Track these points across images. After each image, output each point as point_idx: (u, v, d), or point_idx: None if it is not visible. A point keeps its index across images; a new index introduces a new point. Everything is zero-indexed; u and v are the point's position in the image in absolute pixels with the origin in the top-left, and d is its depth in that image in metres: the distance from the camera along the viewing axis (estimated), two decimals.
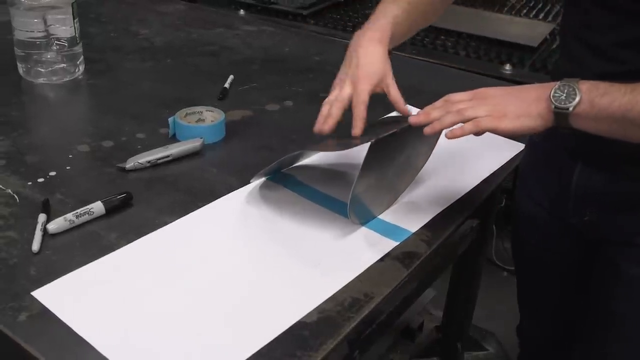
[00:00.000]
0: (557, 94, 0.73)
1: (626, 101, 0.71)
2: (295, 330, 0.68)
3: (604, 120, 0.73)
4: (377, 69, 0.88)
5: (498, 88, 0.80)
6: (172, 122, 1.03)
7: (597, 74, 0.81)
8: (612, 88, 0.72)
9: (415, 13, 0.96)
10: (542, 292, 1.11)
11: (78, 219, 0.82)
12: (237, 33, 1.54)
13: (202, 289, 0.73)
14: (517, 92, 0.78)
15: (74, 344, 0.65)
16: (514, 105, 0.76)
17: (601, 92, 0.73)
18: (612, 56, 0.81)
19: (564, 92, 0.73)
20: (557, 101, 0.73)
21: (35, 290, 0.71)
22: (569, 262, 1.02)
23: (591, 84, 0.73)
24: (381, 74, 0.88)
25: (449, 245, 0.91)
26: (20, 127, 1.06)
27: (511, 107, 0.76)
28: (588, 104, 0.73)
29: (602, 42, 0.82)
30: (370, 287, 0.74)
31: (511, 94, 0.78)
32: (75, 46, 1.23)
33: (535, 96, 0.76)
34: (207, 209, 0.87)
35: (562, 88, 0.73)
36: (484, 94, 0.79)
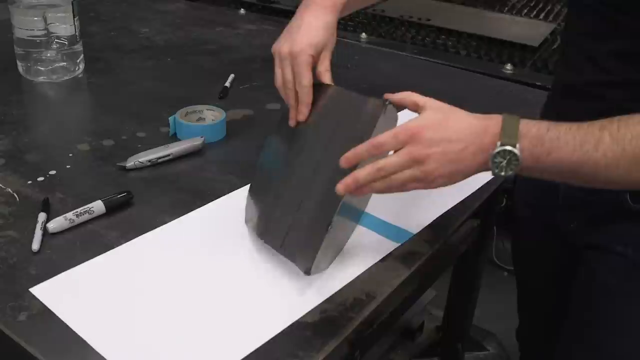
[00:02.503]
0: (497, 160, 0.67)
1: (576, 159, 0.67)
2: (298, 330, 0.67)
3: (548, 174, 0.70)
4: (320, 42, 0.81)
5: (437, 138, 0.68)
6: (173, 121, 1.03)
7: (589, 82, 0.81)
8: (559, 142, 0.67)
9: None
10: (539, 296, 1.10)
11: (78, 218, 0.81)
12: (238, 32, 1.53)
13: (203, 288, 0.73)
14: (456, 154, 0.68)
15: (74, 343, 0.65)
16: (449, 173, 0.69)
17: (547, 148, 0.67)
18: (606, 66, 0.79)
19: (505, 158, 0.67)
20: (498, 168, 0.68)
21: (34, 287, 0.71)
22: (562, 267, 1.02)
23: (535, 139, 0.67)
24: (322, 46, 0.82)
25: (450, 246, 0.91)
26: (20, 125, 1.05)
27: (445, 175, 0.69)
28: (532, 162, 0.68)
29: (597, 51, 0.80)
30: (372, 287, 0.74)
31: (449, 159, 0.68)
32: (75, 45, 1.22)
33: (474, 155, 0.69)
34: (208, 208, 0.87)
35: (502, 153, 0.67)
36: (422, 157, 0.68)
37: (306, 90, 0.79)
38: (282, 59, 0.81)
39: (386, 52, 1.60)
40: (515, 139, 0.67)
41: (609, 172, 0.67)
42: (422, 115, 0.71)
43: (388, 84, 1.30)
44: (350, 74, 1.33)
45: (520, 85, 1.38)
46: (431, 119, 0.70)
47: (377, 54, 1.55)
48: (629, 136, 0.66)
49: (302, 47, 0.79)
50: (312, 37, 0.80)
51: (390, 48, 1.69)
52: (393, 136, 0.69)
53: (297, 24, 0.82)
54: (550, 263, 1.03)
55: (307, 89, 0.79)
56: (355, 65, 1.38)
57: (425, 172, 0.69)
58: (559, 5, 2.16)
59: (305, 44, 0.80)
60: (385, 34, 1.87)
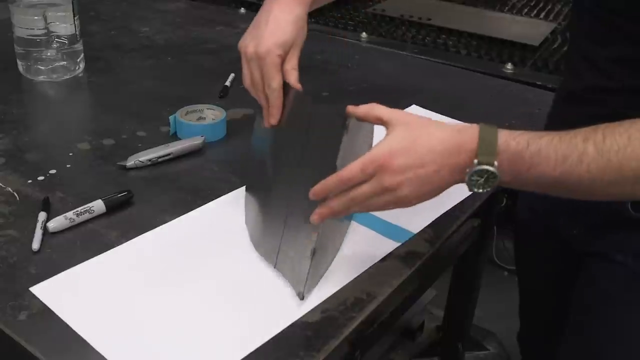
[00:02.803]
0: (475, 178, 0.64)
1: (558, 175, 0.63)
2: (299, 330, 0.67)
3: (531, 188, 0.68)
4: (288, 39, 0.77)
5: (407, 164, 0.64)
6: (173, 120, 1.03)
7: (589, 87, 0.80)
8: (540, 158, 0.63)
9: None
10: (541, 300, 1.10)
11: (78, 218, 0.81)
12: (238, 31, 1.53)
13: (203, 287, 0.73)
14: (429, 177, 0.65)
15: (74, 342, 0.65)
16: (423, 194, 0.67)
17: (527, 164, 0.63)
18: (606, 71, 0.79)
19: (482, 176, 0.64)
20: (475, 186, 0.65)
21: (34, 286, 0.71)
22: (564, 273, 1.01)
23: (515, 154, 0.63)
24: (290, 44, 0.77)
25: (450, 245, 0.91)
26: (20, 125, 1.05)
27: (419, 196, 0.67)
28: (511, 178, 0.65)
29: (598, 55, 0.80)
30: (373, 286, 0.74)
31: (422, 181, 0.65)
32: (75, 44, 1.22)
33: (449, 176, 0.66)
34: (208, 208, 0.87)
35: (479, 172, 0.64)
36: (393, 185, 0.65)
37: (275, 94, 0.76)
38: (248, 59, 0.77)
39: (386, 51, 1.60)
40: (493, 157, 0.63)
41: (593, 185, 0.64)
42: (389, 137, 0.66)
43: (388, 84, 1.30)
44: (350, 73, 1.33)
45: (520, 85, 1.38)
46: (399, 142, 0.65)
47: (377, 54, 1.55)
48: (615, 147, 0.62)
49: (268, 47, 0.75)
50: (280, 35, 0.76)
51: (391, 47, 1.69)
52: (361, 170, 0.65)
53: (265, 19, 0.77)
54: (552, 268, 1.03)
55: (276, 92, 0.76)
56: (356, 65, 1.38)
57: (399, 198, 0.66)
58: (560, 5, 2.16)
59: (272, 43, 0.75)
60: (385, 33, 1.87)
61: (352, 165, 0.65)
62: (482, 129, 0.64)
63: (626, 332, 0.84)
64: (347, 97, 1.21)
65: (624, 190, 0.64)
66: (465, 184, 0.66)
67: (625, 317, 0.84)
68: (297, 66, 0.78)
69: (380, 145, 0.66)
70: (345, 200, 0.67)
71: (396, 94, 1.22)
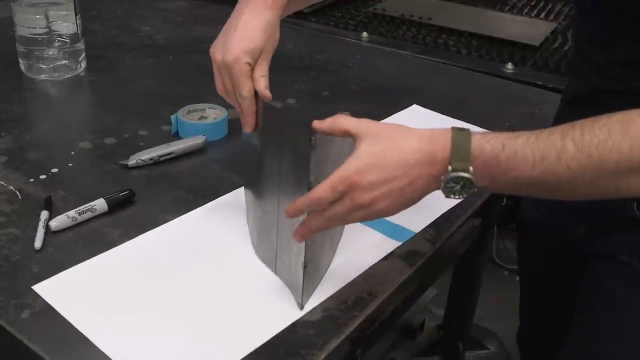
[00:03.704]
0: (450, 185, 0.63)
1: (537, 175, 0.61)
2: (300, 328, 0.68)
3: (509, 191, 0.66)
4: (257, 44, 0.74)
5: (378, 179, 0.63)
6: (175, 119, 1.03)
7: (593, 89, 0.81)
8: (517, 159, 0.61)
9: None
10: (543, 300, 1.10)
11: (80, 216, 0.81)
12: None
13: (205, 286, 0.73)
14: (403, 189, 0.64)
15: (77, 340, 0.65)
16: (399, 206, 0.65)
17: (503, 168, 0.62)
18: (607, 73, 0.79)
19: (458, 183, 0.63)
20: (451, 193, 0.64)
21: (36, 285, 0.71)
22: (568, 273, 1.01)
23: (490, 158, 0.62)
24: (260, 49, 0.75)
25: (451, 244, 0.91)
26: (22, 123, 1.05)
27: (396, 209, 0.66)
28: (488, 182, 0.63)
29: (600, 58, 0.80)
30: (374, 285, 0.74)
31: (397, 195, 0.64)
32: (77, 43, 1.22)
33: (426, 192, 0.65)
34: (210, 207, 0.87)
35: (455, 179, 0.62)
36: (366, 202, 0.63)
37: (247, 102, 0.74)
38: (218, 66, 0.76)
39: (387, 51, 1.60)
40: (467, 163, 0.62)
41: (574, 183, 0.62)
42: (357, 152, 0.64)
43: (389, 83, 1.30)
44: (351, 73, 1.34)
45: (521, 85, 1.39)
46: (368, 157, 0.63)
47: (378, 53, 1.55)
48: (595, 141, 0.60)
49: (236, 55, 0.73)
50: (248, 42, 0.74)
51: (391, 47, 1.70)
52: (331, 190, 0.63)
53: (234, 24, 0.75)
54: (556, 268, 1.03)
55: (247, 101, 0.74)
56: (357, 65, 1.38)
57: (376, 212, 0.64)
58: (560, 5, 2.16)
59: (240, 51, 0.73)
60: (386, 33, 1.87)
61: (322, 185, 0.63)
62: (454, 134, 0.63)
63: (630, 333, 0.84)
64: (348, 97, 1.21)
65: (607, 186, 0.62)
66: (441, 192, 0.64)
67: (629, 319, 0.84)
68: (267, 73, 0.76)
69: (349, 163, 0.63)
70: (322, 219, 0.65)
71: (397, 94, 1.23)
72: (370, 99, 1.02)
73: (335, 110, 0.89)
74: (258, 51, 0.74)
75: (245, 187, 0.86)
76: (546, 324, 1.11)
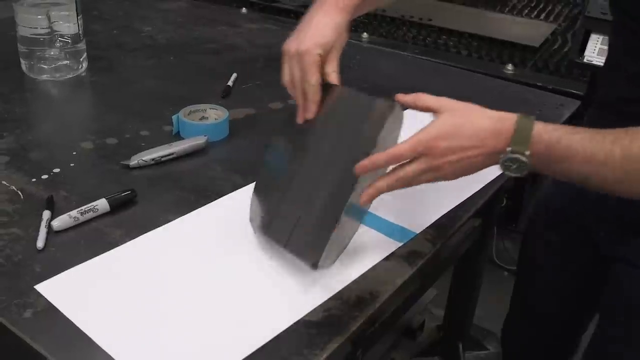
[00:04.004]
0: (508, 163, 0.70)
1: (585, 171, 0.69)
2: (302, 328, 0.68)
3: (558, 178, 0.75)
4: (328, 41, 0.80)
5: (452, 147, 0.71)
6: (176, 119, 1.03)
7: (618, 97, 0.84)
8: (569, 153, 0.68)
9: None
10: (543, 295, 1.11)
11: (82, 216, 0.82)
12: (240, 31, 1.54)
13: (207, 286, 0.73)
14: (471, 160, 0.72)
15: (79, 340, 0.65)
16: (463, 172, 0.73)
17: (556, 158, 0.69)
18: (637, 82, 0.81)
19: (515, 163, 0.70)
20: (507, 170, 0.71)
21: (39, 284, 0.71)
22: (577, 273, 1.02)
23: (546, 147, 0.69)
24: (330, 46, 0.80)
25: (451, 245, 0.91)
26: (24, 123, 1.06)
27: (460, 173, 0.74)
28: (540, 167, 0.71)
29: (633, 68, 0.82)
30: (376, 285, 0.74)
31: (463, 165, 0.72)
32: (78, 43, 1.23)
33: (486, 165, 0.73)
34: (211, 207, 0.87)
35: (512, 160, 0.70)
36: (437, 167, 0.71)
37: (313, 89, 0.78)
38: (290, 57, 0.81)
39: (387, 51, 1.60)
40: (525, 147, 0.69)
41: (617, 185, 0.69)
42: (436, 122, 0.72)
43: (389, 84, 1.31)
44: (352, 73, 1.34)
45: (521, 86, 1.39)
46: (446, 127, 0.71)
47: (378, 54, 1.55)
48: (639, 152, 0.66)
49: (309, 46, 0.78)
50: (320, 36, 0.79)
51: (392, 48, 1.70)
52: (410, 149, 0.71)
53: (308, 23, 0.82)
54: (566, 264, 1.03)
55: (314, 88, 0.78)
56: (357, 65, 1.39)
57: (441, 176, 0.73)
58: (560, 6, 2.16)
59: (313, 43, 0.79)
60: (386, 33, 1.88)
61: (402, 144, 0.71)
62: (519, 119, 0.70)
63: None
64: None
65: None
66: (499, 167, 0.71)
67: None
68: (337, 69, 0.81)
69: (428, 129, 0.71)
70: (391, 181, 0.73)
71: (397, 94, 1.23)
72: None
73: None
74: (328, 46, 0.80)
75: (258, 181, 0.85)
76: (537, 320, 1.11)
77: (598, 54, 1.56)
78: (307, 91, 0.79)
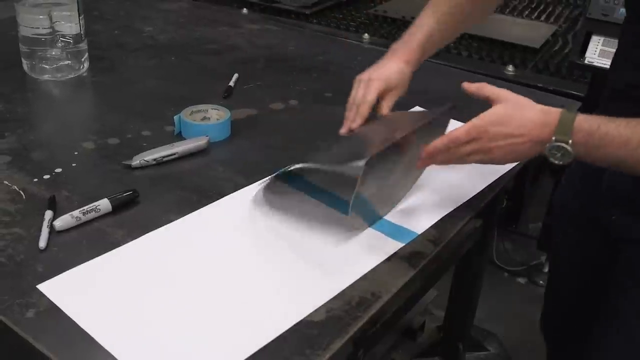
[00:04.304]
0: (553, 152, 0.78)
1: (621, 155, 0.76)
2: (304, 329, 0.68)
3: (599, 164, 0.81)
4: (392, 80, 0.97)
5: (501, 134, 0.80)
6: (178, 120, 1.03)
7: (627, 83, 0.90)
8: (606, 139, 0.76)
9: (453, 22, 1.03)
10: (569, 282, 1.13)
11: (84, 216, 0.82)
12: (241, 32, 1.54)
13: (208, 286, 0.74)
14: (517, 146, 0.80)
15: (81, 339, 0.65)
16: (510, 159, 0.83)
17: (596, 144, 0.76)
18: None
19: (560, 151, 0.77)
20: (552, 158, 0.78)
21: (41, 284, 0.71)
22: (595, 258, 1.04)
23: (587, 135, 0.76)
24: (393, 85, 0.97)
25: (453, 246, 0.91)
26: (26, 123, 1.06)
27: (506, 158, 0.82)
28: (583, 154, 0.78)
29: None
30: (378, 286, 0.75)
31: (510, 151, 0.81)
32: (80, 43, 1.23)
33: (532, 152, 0.81)
34: (213, 207, 0.87)
35: (557, 149, 0.77)
36: (487, 149, 0.81)
37: (366, 105, 0.94)
38: (359, 82, 0.98)
39: None
40: (568, 136, 0.77)
41: None
42: (491, 110, 0.81)
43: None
44: (353, 74, 1.33)
45: (521, 87, 1.38)
46: (499, 116, 0.80)
47: (379, 55, 1.54)
48: None
49: (377, 76, 0.96)
50: (388, 74, 0.97)
51: None
52: (466, 133, 0.80)
53: (380, 65, 1.00)
54: (588, 252, 1.06)
55: (367, 104, 0.94)
56: (358, 66, 1.38)
57: (489, 159, 0.82)
58: (560, 7, 2.17)
59: (381, 75, 0.97)
60: (387, 34, 1.88)
61: (459, 129, 0.81)
62: (563, 112, 0.78)
63: None
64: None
65: None
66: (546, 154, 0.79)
67: None
68: (391, 107, 0.98)
69: (482, 116, 0.81)
70: (447, 155, 0.83)
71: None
72: None
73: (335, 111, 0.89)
74: (392, 84, 0.97)
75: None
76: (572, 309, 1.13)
77: (599, 55, 1.56)
78: (360, 106, 0.94)
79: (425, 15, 1.03)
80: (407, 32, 1.03)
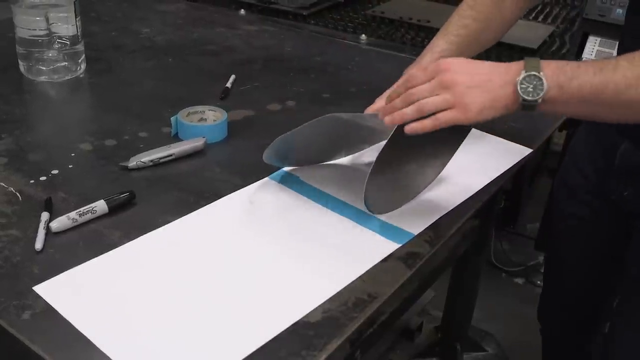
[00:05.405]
0: (524, 85, 0.73)
1: (597, 82, 0.71)
2: (301, 330, 0.68)
3: (573, 104, 0.74)
4: None
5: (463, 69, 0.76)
6: (175, 121, 1.03)
7: None
8: (580, 70, 0.72)
9: (466, 44, 1.00)
10: (571, 266, 1.12)
11: (81, 218, 0.82)
12: (238, 33, 1.54)
13: (205, 287, 0.73)
14: (483, 81, 0.75)
15: (78, 341, 0.65)
16: (479, 97, 0.74)
17: (569, 75, 0.72)
18: None
19: (531, 83, 0.72)
20: (525, 93, 0.73)
21: (37, 286, 0.71)
22: (602, 238, 1.04)
23: (557, 67, 0.73)
24: None
25: (450, 246, 0.92)
26: (22, 125, 1.06)
27: (476, 99, 0.74)
28: (557, 90, 0.72)
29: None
30: (374, 287, 0.75)
31: (477, 84, 0.75)
32: (77, 44, 1.23)
33: (501, 84, 0.75)
34: (210, 208, 0.87)
35: (528, 79, 0.72)
36: (449, 81, 0.75)
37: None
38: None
39: (386, 53, 1.60)
40: (538, 69, 0.72)
41: (630, 91, 0.71)
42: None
43: (388, 85, 1.30)
44: (350, 75, 1.34)
45: None
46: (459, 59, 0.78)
47: (376, 55, 1.55)
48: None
49: None
50: None
51: (390, 49, 1.70)
52: (422, 69, 0.78)
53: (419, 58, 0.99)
54: (590, 231, 1.05)
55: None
56: (356, 67, 1.39)
57: (455, 96, 0.74)
58: (558, 8, 2.17)
59: None
60: (384, 35, 1.88)
61: (414, 68, 0.78)
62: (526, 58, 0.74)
63: None
64: (347, 99, 1.21)
65: None
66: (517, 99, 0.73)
67: None
68: None
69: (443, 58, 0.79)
70: (405, 95, 0.78)
71: None
72: (369, 101, 1.03)
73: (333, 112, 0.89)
74: None
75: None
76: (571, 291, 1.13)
77: (596, 55, 1.56)
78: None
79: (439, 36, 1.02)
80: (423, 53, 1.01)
